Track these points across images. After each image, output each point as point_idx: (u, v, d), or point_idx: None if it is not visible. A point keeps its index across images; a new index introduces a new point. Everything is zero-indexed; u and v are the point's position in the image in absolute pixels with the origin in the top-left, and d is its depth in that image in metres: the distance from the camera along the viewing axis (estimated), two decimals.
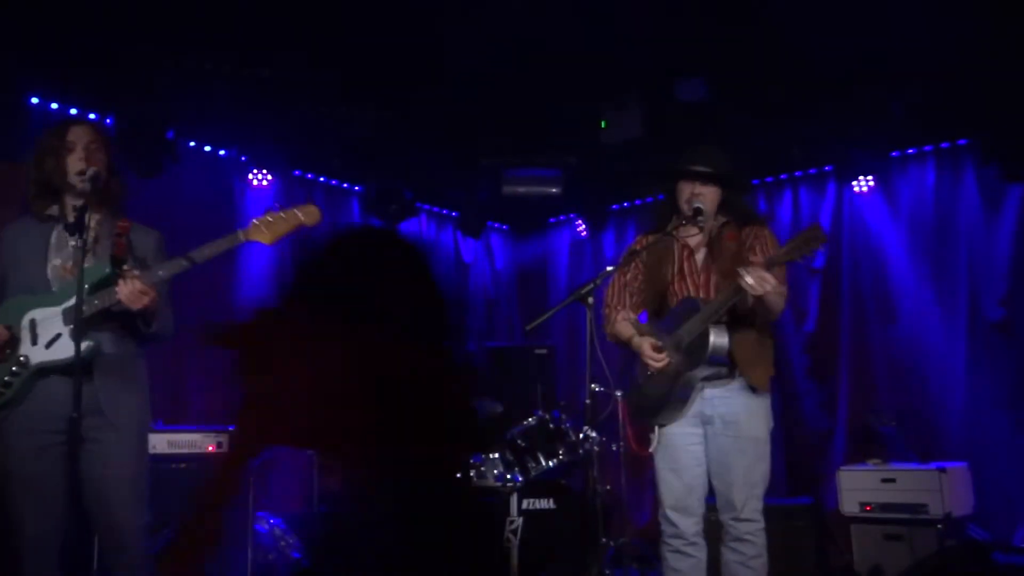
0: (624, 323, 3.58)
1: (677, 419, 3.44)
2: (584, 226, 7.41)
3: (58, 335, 2.93)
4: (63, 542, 2.92)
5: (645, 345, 3.44)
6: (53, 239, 3.04)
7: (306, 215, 2.98)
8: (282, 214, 2.96)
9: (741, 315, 3.35)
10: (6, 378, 2.94)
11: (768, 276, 3.11)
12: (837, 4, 4.65)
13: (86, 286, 2.86)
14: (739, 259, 3.40)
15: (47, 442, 2.89)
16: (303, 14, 4.68)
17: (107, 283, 2.94)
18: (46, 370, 2.92)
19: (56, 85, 4.95)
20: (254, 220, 3.00)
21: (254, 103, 5.49)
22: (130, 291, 2.87)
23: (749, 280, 3.10)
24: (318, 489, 5.15)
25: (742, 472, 3.38)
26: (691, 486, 3.44)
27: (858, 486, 5.26)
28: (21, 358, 2.94)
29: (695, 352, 3.34)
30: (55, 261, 3.02)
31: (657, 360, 3.40)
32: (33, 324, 2.96)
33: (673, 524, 3.43)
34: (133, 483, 3.00)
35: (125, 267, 2.90)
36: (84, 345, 2.85)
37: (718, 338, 3.30)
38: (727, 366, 3.39)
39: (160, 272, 2.96)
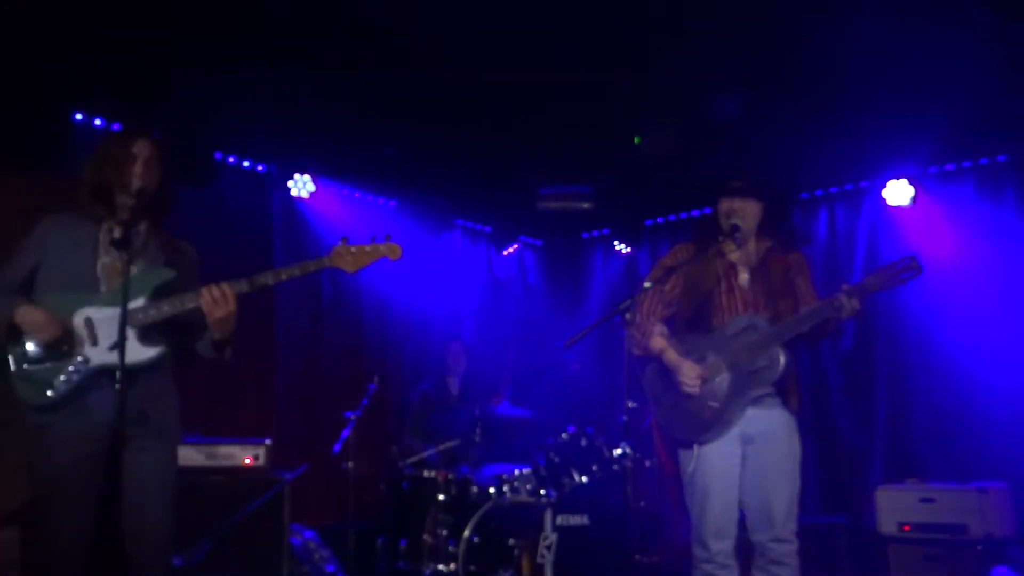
0: (660, 338, 3.53)
1: (718, 439, 3.40)
2: (619, 241, 7.39)
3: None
4: (89, 551, 2.83)
5: (685, 367, 3.40)
6: (102, 236, 2.95)
7: (390, 251, 3.07)
8: (367, 247, 3.04)
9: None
10: (61, 377, 2.83)
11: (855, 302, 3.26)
12: (873, 20, 4.62)
13: (151, 288, 2.90)
14: (788, 283, 3.47)
15: (91, 450, 2.79)
16: (340, 32, 4.74)
17: (171, 289, 2.92)
18: (106, 373, 2.80)
19: (100, 102, 5.04)
20: (336, 247, 3.04)
21: (291, 119, 5.57)
22: (215, 297, 2.86)
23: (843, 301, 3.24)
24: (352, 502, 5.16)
25: (783, 491, 3.36)
26: (729, 508, 3.40)
27: (896, 505, 5.18)
28: (79, 358, 2.86)
29: (759, 372, 3.35)
30: (105, 259, 2.93)
31: (691, 386, 3.37)
32: (90, 323, 2.87)
33: (708, 548, 3.37)
34: (171, 496, 2.96)
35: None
36: (157, 350, 2.88)
37: (786, 358, 3.33)
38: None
39: (245, 284, 2.91)
